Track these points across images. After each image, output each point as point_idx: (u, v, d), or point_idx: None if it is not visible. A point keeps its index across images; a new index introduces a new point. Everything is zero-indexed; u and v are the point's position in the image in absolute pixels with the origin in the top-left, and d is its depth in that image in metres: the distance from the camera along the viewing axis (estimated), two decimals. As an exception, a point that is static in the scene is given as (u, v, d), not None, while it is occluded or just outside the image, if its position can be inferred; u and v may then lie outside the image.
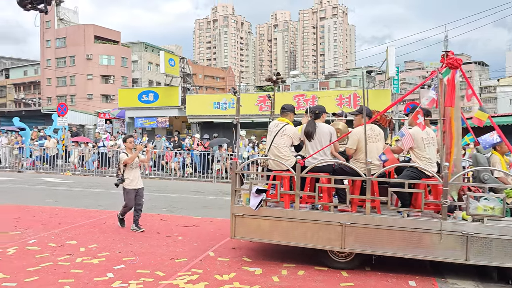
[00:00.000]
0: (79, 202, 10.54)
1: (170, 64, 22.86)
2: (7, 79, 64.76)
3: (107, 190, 12.93)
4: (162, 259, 5.62)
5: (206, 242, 6.60)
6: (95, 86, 51.15)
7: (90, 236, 6.88)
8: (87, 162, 18.51)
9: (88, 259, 5.56)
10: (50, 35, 54.20)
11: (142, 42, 61.95)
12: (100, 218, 8.43)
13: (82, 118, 29.03)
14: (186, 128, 25.07)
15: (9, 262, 5.37)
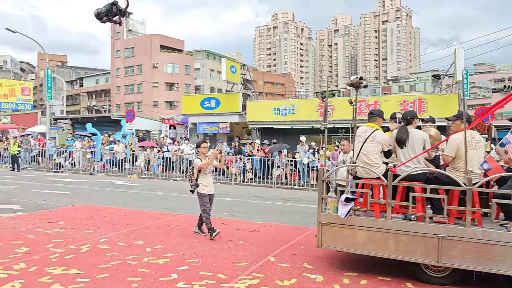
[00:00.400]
0: (145, 204, 11.01)
1: (232, 71, 23.30)
2: (81, 88, 69.23)
3: (171, 193, 13.39)
4: (223, 262, 5.71)
5: (266, 247, 6.63)
6: (160, 93, 53.32)
7: (156, 237, 7.14)
8: (152, 166, 19.29)
9: (154, 259, 5.77)
10: (119, 45, 57.32)
11: (205, 50, 63.76)
12: (165, 220, 8.73)
13: (148, 124, 30.31)
14: (246, 134, 25.39)
15: (83, 259, 5.72)
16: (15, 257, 5.75)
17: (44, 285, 4.68)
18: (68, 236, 7.07)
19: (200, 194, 7.19)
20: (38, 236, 6.98)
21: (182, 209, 10.33)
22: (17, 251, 6.05)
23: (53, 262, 5.55)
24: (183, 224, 8.27)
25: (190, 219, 8.91)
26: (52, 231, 7.40)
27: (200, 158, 7.29)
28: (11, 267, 5.26)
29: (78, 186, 14.78)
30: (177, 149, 19.47)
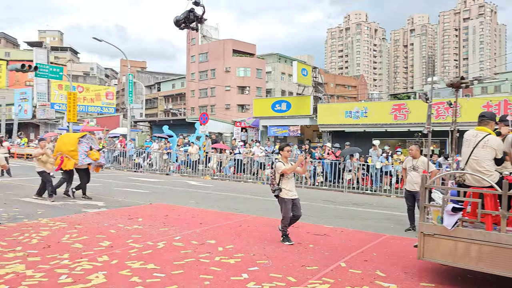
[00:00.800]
0: (217, 204, 11.30)
1: (303, 74, 23.23)
2: (159, 92, 72.78)
3: (242, 195, 13.62)
4: (293, 265, 5.70)
5: (337, 252, 6.51)
6: (232, 97, 54.56)
7: (227, 237, 7.30)
8: (224, 168, 19.76)
9: (225, 258, 5.91)
10: (194, 51, 59.53)
11: (276, 54, 64.22)
12: (236, 221, 8.89)
13: (220, 127, 31.11)
14: (317, 137, 25.16)
15: (160, 255, 6.00)
16: (99, 250, 6.17)
17: (124, 277, 4.97)
18: (145, 232, 7.46)
19: (283, 200, 6.95)
20: (119, 231, 7.44)
21: (253, 210, 10.47)
22: (101, 244, 6.50)
23: (132, 256, 5.88)
24: (254, 226, 8.38)
25: (260, 220, 9.01)
26: (132, 227, 7.84)
27: (282, 161, 7.07)
28: (95, 259, 5.65)
29: (155, 185, 15.53)
30: (248, 151, 19.78)
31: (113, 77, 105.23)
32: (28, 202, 10.65)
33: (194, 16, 10.90)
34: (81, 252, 6.00)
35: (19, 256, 5.72)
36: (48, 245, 6.33)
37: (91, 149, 11.46)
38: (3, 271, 5.07)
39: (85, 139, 11.69)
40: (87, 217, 8.78)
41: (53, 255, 5.82)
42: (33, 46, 69.69)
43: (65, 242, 6.59)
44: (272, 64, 61.09)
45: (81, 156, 11.20)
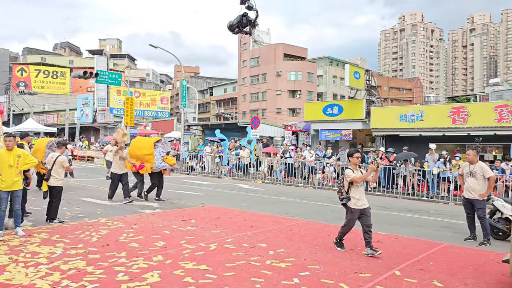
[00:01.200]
0: (268, 208, 11.32)
1: (355, 77, 22.82)
2: (211, 96, 74.23)
3: (293, 199, 13.56)
4: (345, 271, 5.59)
5: (391, 259, 6.31)
6: (283, 101, 54.58)
7: (278, 241, 7.29)
8: (275, 172, 19.78)
9: (276, 262, 5.89)
10: (246, 55, 60.21)
11: (327, 57, 63.61)
12: (287, 225, 8.86)
13: (271, 130, 31.21)
14: (370, 141, 24.60)
15: (212, 256, 6.09)
16: (154, 249, 6.37)
17: (178, 277, 5.10)
18: (198, 234, 7.61)
19: (350, 209, 6.65)
20: (172, 232, 7.64)
21: (304, 215, 10.39)
22: (156, 244, 6.70)
23: (186, 257, 6.02)
24: (304, 230, 8.31)
25: (312, 225, 8.92)
26: (185, 228, 8.03)
27: (352, 168, 6.69)
28: (150, 258, 5.83)
29: (207, 188, 15.82)
30: (299, 155, 19.68)
31: (167, 82, 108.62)
32: (89, 202, 11.20)
33: (247, 20, 11.04)
34: (137, 251, 6.22)
35: (80, 253, 6.02)
36: (106, 244, 6.62)
37: (168, 154, 11.66)
38: (66, 266, 5.36)
39: (160, 143, 11.93)
40: (142, 218, 9.09)
41: (111, 253, 6.08)
42: (94, 54, 73.53)
43: (123, 241, 6.86)
44: (323, 67, 60.54)
45: (158, 160, 11.44)
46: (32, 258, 5.69)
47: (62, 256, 5.86)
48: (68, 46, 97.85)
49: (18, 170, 7.10)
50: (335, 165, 17.98)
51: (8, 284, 4.69)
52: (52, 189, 8.29)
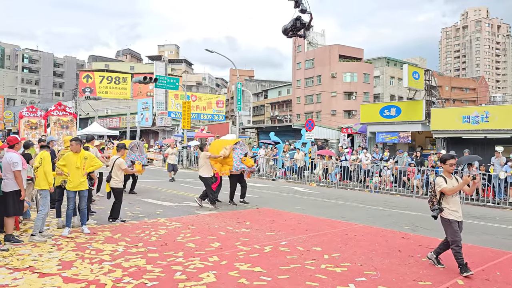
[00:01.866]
0: (323, 211, 11.19)
1: (414, 77, 22.05)
2: (265, 99, 74.65)
3: (349, 202, 13.32)
4: (404, 279, 5.41)
5: (453, 268, 6.01)
6: (338, 103, 53.76)
7: (333, 245, 7.19)
8: (330, 175, 19.52)
9: (331, 266, 5.82)
10: (300, 58, 59.97)
11: (384, 57, 61.94)
12: (343, 229, 8.72)
13: (326, 133, 30.84)
14: (430, 144, 23.65)
15: (266, 259, 6.12)
16: (210, 250, 6.51)
17: (233, 278, 5.17)
18: (253, 236, 7.68)
19: (447, 220, 5.85)
20: (228, 234, 7.76)
21: (360, 219, 10.17)
22: (211, 245, 6.84)
23: (240, 258, 6.09)
24: (361, 235, 8.13)
25: (368, 230, 8.71)
26: (240, 230, 8.13)
27: (445, 176, 6.01)
28: (206, 259, 5.97)
29: (262, 190, 15.91)
30: (355, 158, 19.30)
31: (223, 86, 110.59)
32: (148, 202, 11.64)
33: (301, 23, 11.02)
34: (193, 252, 6.38)
35: (140, 252, 6.28)
36: (165, 243, 6.85)
37: (245, 156, 11.69)
38: (127, 264, 5.61)
39: (238, 145, 11.94)
40: (199, 219, 9.31)
41: (169, 252, 6.28)
42: (153, 60, 76.45)
43: (180, 241, 7.07)
44: (380, 68, 59.00)
45: (236, 162, 11.45)
46: (96, 255, 6.01)
47: (123, 254, 6.14)
48: (129, 52, 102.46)
49: (84, 172, 7.53)
50: (392, 168, 17.45)
51: (75, 279, 4.99)
52: (113, 190, 8.70)
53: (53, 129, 16.35)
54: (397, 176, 17.25)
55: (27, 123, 16.06)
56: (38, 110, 16.74)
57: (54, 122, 16.44)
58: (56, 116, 16.53)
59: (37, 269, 5.31)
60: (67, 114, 16.82)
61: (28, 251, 6.14)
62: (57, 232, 7.45)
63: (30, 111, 16.44)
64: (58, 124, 16.38)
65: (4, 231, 6.76)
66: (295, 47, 60.48)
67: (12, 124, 61.30)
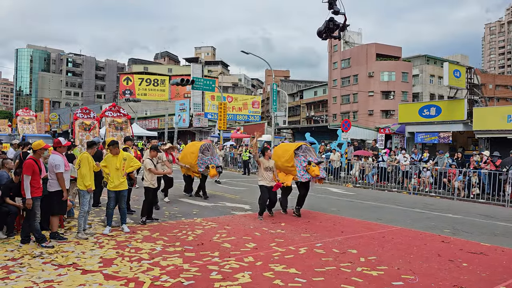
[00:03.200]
0: (359, 213, 11.03)
1: (455, 75, 21.35)
2: (301, 99, 74.30)
3: (386, 204, 13.06)
4: (443, 284, 5.26)
5: (496, 274, 5.80)
6: (375, 102, 52.78)
7: (370, 247, 7.08)
8: (367, 176, 19.19)
9: (367, 270, 5.73)
10: (336, 57, 59.31)
11: (424, 55, 60.24)
12: (379, 231, 8.57)
13: (363, 133, 30.38)
14: (472, 144, 22.82)
15: (301, 260, 6.11)
16: (245, 251, 6.56)
17: (268, 279, 5.19)
18: (288, 237, 7.67)
19: None
20: (263, 234, 7.79)
21: (397, 221, 9.96)
22: (247, 245, 6.89)
23: (275, 259, 6.10)
24: (398, 237, 7.96)
25: (406, 233, 8.52)
26: (275, 231, 8.14)
27: None
28: (242, 259, 6.01)
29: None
30: (393, 159, 18.88)
31: (258, 86, 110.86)
32: (185, 202, 11.84)
33: (334, 24, 10.88)
34: (229, 252, 6.45)
35: (177, 251, 6.41)
36: (201, 243, 6.96)
37: (310, 164, 9.80)
38: (165, 263, 5.74)
39: (301, 151, 10.30)
40: (234, 219, 9.40)
41: (206, 252, 6.38)
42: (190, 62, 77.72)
43: (216, 241, 7.16)
44: (419, 66, 57.43)
45: (300, 172, 9.84)
46: (135, 253, 6.18)
47: (161, 252, 6.29)
48: (167, 55, 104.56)
49: (124, 172, 7.76)
50: (432, 169, 16.96)
51: (116, 276, 5.15)
52: (144, 189, 8.77)
53: (108, 130, 16.22)
54: (437, 177, 16.74)
55: (81, 124, 15.91)
56: (91, 112, 16.60)
57: (109, 123, 16.29)
58: (111, 118, 16.42)
59: (80, 266, 5.53)
60: (121, 116, 16.70)
61: (71, 248, 6.40)
62: (99, 230, 7.71)
63: (84, 113, 16.23)
64: (112, 126, 16.28)
65: (50, 229, 7.07)
66: (331, 46, 59.87)
67: (57, 126, 63.94)
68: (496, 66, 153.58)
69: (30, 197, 6.43)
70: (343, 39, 58.61)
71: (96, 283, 4.87)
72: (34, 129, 29.87)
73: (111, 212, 7.75)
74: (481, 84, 29.09)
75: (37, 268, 5.38)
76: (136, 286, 4.83)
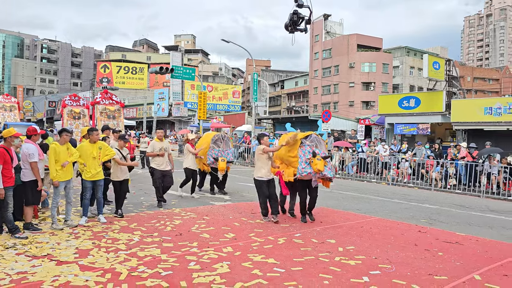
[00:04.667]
0: (338, 204, 11.17)
1: (434, 67, 21.69)
2: (282, 89, 74.39)
3: (364, 195, 13.25)
4: (419, 273, 5.38)
5: (470, 263, 5.97)
6: (356, 93, 53.24)
7: (348, 237, 7.19)
8: (346, 166, 19.42)
9: (346, 259, 5.82)
10: (318, 47, 59.44)
11: (404, 47, 60.89)
12: (357, 221, 8.70)
13: (343, 124, 30.64)
14: (450, 136, 23.31)
15: (280, 250, 6.16)
16: (224, 241, 6.57)
17: (246, 269, 5.22)
18: (267, 227, 7.72)
19: None
20: (242, 225, 7.82)
21: (375, 212, 10.13)
22: (226, 236, 6.91)
23: (254, 249, 6.14)
24: (376, 228, 8.10)
25: (384, 223, 8.67)
26: (254, 221, 8.18)
27: None
28: (220, 250, 6.03)
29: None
30: (372, 150, 19.14)
31: (239, 76, 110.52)
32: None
33: (299, 17, 10.88)
34: (208, 242, 6.46)
35: (155, 241, 6.38)
36: (180, 233, 6.95)
37: (314, 156, 8.04)
38: (142, 253, 5.72)
39: (309, 140, 8.50)
40: (214, 209, 9.40)
41: (184, 242, 6.37)
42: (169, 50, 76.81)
43: (195, 231, 7.16)
44: (399, 58, 58.09)
45: (301, 165, 8.11)
46: (112, 244, 6.14)
47: (139, 243, 6.25)
48: (146, 43, 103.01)
49: (100, 162, 7.65)
50: (410, 160, 17.27)
51: (92, 267, 5.11)
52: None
53: (99, 119, 15.52)
54: (415, 168, 17.07)
55: (70, 112, 15.35)
56: (80, 99, 16.00)
57: (101, 111, 15.57)
58: (103, 105, 15.69)
59: (55, 257, 5.45)
60: (114, 103, 15.86)
61: (46, 239, 6.31)
62: (75, 221, 7.61)
63: (73, 100, 15.63)
64: (104, 114, 15.60)
65: (24, 219, 6.94)
66: (312, 36, 59.93)
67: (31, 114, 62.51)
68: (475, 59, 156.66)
69: (2, 187, 6.30)
70: (325, 29, 58.77)
71: (72, 274, 4.81)
72: (16, 116, 28.55)
73: (87, 202, 7.66)
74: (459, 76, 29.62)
75: (10, 260, 5.29)
76: (112, 277, 4.80)
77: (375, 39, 56.71)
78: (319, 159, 8.04)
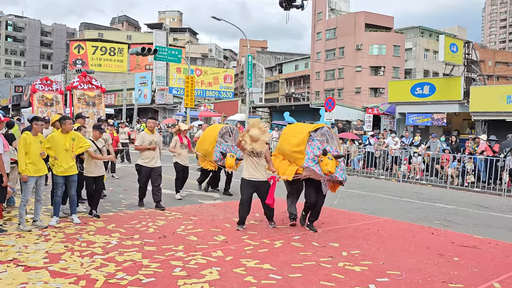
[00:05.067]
0: (342, 203, 11.20)
1: (452, 50, 21.75)
2: (280, 74, 74.32)
3: (372, 193, 13.31)
4: (432, 280, 5.43)
5: (489, 269, 6.03)
6: (363, 79, 53.25)
7: (353, 240, 7.23)
8: (352, 161, 19.46)
9: (350, 265, 5.86)
10: (321, 27, 59.32)
11: (418, 27, 60.89)
12: (364, 223, 8.75)
13: (348, 113, 30.68)
14: (468, 127, 23.43)
15: (276, 255, 6.19)
16: (213, 244, 6.59)
17: (238, 276, 5.25)
18: (262, 229, 7.76)
19: None
20: (234, 226, 7.84)
21: (383, 212, 10.19)
22: (216, 238, 6.93)
23: (248, 254, 6.17)
24: (385, 230, 8.16)
25: (393, 224, 8.74)
26: (248, 222, 8.19)
27: None
28: (209, 254, 6.05)
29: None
30: (381, 143, 19.19)
31: (232, 58, 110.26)
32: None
33: None
34: (195, 245, 6.48)
35: (136, 244, 6.39)
36: (164, 235, 6.96)
37: (325, 154, 7.36)
38: (121, 258, 5.72)
39: (318, 134, 7.88)
40: (202, 209, 9.42)
41: (169, 246, 6.38)
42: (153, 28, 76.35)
43: (180, 233, 7.17)
44: (413, 39, 58.10)
45: (307, 162, 7.56)
46: (87, 248, 6.13)
47: (117, 246, 6.25)
48: (126, 20, 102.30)
49: (73, 154, 7.60)
50: (424, 154, 17.35)
51: (64, 273, 5.10)
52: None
53: (77, 106, 15.29)
54: (429, 163, 17.15)
55: (42, 98, 14.96)
56: (53, 83, 15.65)
57: (79, 97, 15.34)
58: (81, 90, 15.51)
59: (22, 261, 5.44)
60: (93, 88, 15.69)
61: (12, 242, 6.29)
62: (45, 221, 7.58)
63: (45, 84, 15.23)
64: (83, 100, 15.29)
65: (-14, 220, 6.92)
66: (314, 14, 59.80)
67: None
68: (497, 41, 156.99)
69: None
70: (329, 6, 58.64)
71: (41, 281, 4.81)
72: None
73: (59, 200, 7.63)
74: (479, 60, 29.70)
75: (-29, 265, 5.28)
76: (87, 284, 4.80)
77: (385, 17, 56.67)
78: (330, 158, 7.33)
